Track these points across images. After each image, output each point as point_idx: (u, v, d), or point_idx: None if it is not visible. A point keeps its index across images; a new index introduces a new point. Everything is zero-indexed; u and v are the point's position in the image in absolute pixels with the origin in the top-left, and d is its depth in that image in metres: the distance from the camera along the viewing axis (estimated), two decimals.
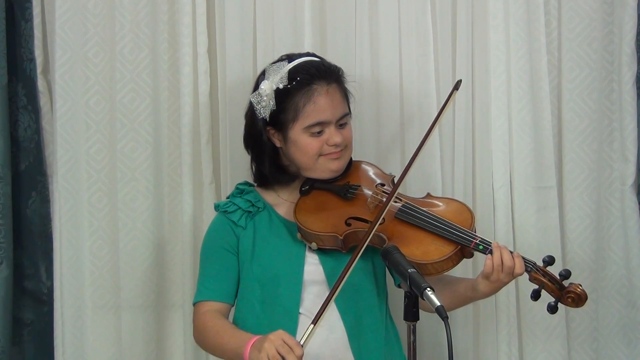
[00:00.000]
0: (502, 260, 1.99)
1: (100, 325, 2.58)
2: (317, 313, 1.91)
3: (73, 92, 2.53)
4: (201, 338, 2.15)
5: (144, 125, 2.56)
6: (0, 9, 2.51)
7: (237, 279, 2.18)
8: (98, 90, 2.55)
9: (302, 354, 1.86)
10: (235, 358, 2.00)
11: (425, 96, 2.51)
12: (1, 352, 2.56)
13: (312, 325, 1.89)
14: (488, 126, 2.51)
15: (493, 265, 1.99)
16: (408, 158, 2.52)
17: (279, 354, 1.85)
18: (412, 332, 1.83)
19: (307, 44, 2.48)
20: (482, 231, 2.14)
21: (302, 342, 1.88)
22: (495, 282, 2.02)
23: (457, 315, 2.51)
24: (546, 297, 2.00)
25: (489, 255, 2.00)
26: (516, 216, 2.52)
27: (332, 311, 2.09)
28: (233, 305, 2.19)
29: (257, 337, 1.95)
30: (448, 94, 2.27)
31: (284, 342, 1.87)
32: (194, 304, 2.19)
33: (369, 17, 2.53)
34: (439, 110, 2.27)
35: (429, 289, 1.75)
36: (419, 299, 1.79)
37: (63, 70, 2.51)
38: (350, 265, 1.96)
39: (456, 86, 2.27)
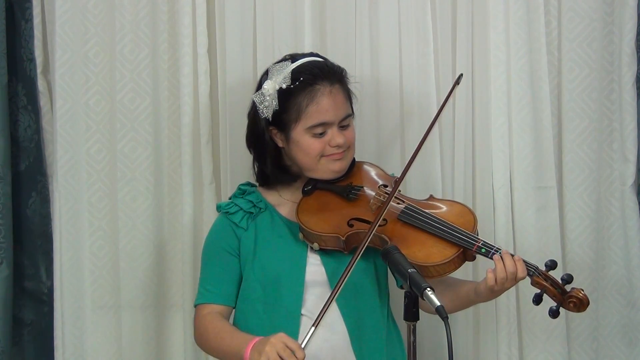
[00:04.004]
0: (505, 268, 1.98)
1: (100, 325, 2.58)
2: (318, 315, 1.91)
3: (73, 92, 2.53)
4: (202, 340, 2.15)
5: (144, 125, 2.56)
6: (0, 9, 2.51)
7: (239, 281, 2.18)
8: (98, 90, 2.55)
9: (304, 357, 1.85)
10: (233, 358, 2.00)
11: (425, 96, 2.51)
12: (1, 352, 2.56)
13: (313, 328, 1.89)
14: (488, 126, 2.51)
15: (496, 280, 1.99)
16: (408, 158, 2.53)
17: (279, 357, 1.85)
18: (412, 332, 1.83)
19: (307, 44, 2.48)
20: (482, 231, 2.15)
21: (303, 345, 1.87)
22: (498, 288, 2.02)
23: (457, 315, 2.51)
24: (548, 301, 2.00)
25: (491, 269, 2.00)
26: (516, 216, 2.51)
27: (334, 312, 2.09)
28: (234, 308, 2.19)
29: (258, 338, 1.94)
30: (449, 89, 2.28)
31: (286, 345, 1.86)
32: (195, 306, 2.19)
33: (369, 17, 2.53)
34: (439, 106, 2.29)
35: (429, 289, 1.75)
36: (419, 299, 1.79)
37: (63, 70, 2.51)
38: (351, 266, 1.96)
39: (457, 81, 2.27)
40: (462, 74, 2.33)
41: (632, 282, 2.53)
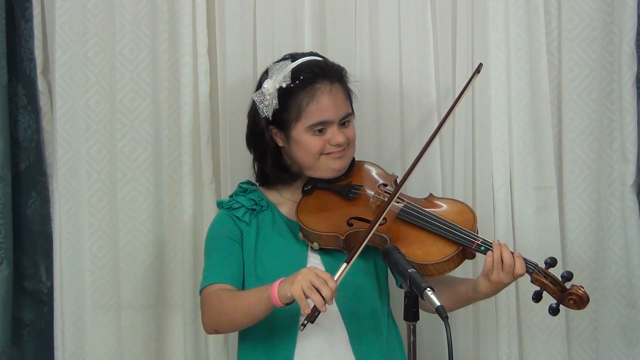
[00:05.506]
0: (502, 258, 1.98)
1: (100, 325, 2.58)
2: (351, 254, 1.94)
3: (73, 92, 2.53)
4: (217, 310, 2.06)
5: (144, 125, 2.56)
6: (0, 9, 2.51)
7: (243, 267, 2.15)
8: (98, 90, 2.55)
9: (336, 288, 1.86)
10: (258, 306, 1.97)
11: (425, 96, 2.51)
12: (1, 352, 2.56)
13: (345, 264, 1.92)
14: (488, 126, 2.51)
15: (493, 262, 1.99)
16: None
17: (312, 285, 1.85)
18: (412, 332, 1.83)
19: (307, 43, 2.49)
20: (482, 231, 2.14)
21: (335, 278, 1.89)
22: (495, 283, 2.01)
23: (457, 315, 2.51)
24: (548, 299, 2.00)
25: (490, 252, 2.00)
26: (516, 216, 2.52)
27: (334, 312, 2.09)
28: None
29: (282, 278, 1.93)
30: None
31: (317, 275, 1.87)
32: (201, 291, 2.12)
33: (369, 17, 2.53)
34: (457, 95, 2.31)
35: (429, 289, 1.75)
36: (419, 299, 1.79)
37: (63, 70, 2.52)
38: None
39: (478, 69, 2.28)
40: (481, 64, 2.36)
41: (632, 282, 2.53)
